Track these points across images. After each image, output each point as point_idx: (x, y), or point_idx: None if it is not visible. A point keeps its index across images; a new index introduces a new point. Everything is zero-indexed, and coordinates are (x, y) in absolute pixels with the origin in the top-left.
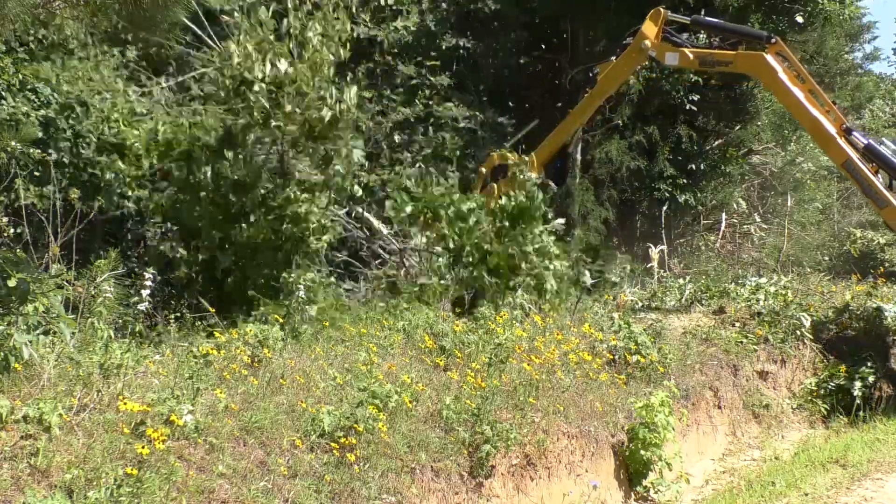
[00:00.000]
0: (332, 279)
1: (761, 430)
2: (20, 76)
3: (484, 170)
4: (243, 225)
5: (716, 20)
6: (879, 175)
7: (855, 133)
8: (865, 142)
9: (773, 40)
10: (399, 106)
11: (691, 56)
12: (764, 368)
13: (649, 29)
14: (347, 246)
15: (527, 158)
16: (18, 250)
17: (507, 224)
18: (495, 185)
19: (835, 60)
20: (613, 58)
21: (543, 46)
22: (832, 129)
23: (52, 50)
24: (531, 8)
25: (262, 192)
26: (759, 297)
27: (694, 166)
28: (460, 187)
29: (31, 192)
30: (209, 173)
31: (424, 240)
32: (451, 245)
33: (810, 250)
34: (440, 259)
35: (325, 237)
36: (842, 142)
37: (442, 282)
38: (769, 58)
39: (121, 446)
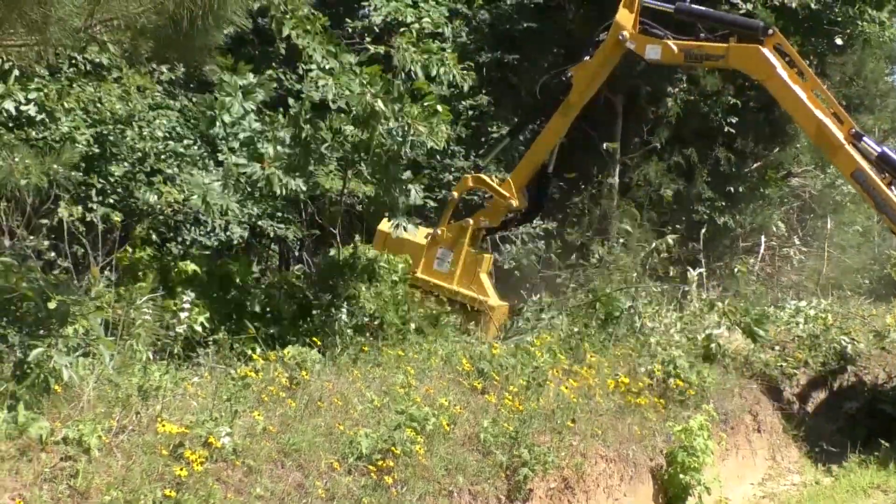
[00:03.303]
0: None
1: (801, 454)
2: (67, 99)
3: (456, 194)
4: None
5: (704, 8)
6: (894, 187)
7: (866, 139)
8: (879, 150)
9: (771, 32)
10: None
11: (675, 49)
12: (804, 392)
13: (625, 18)
14: None
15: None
16: (59, 273)
17: None
18: (471, 220)
19: (874, 83)
20: (587, 57)
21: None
22: (840, 135)
23: (91, 75)
24: (568, 29)
25: None
26: (798, 320)
27: (732, 189)
28: None
29: (75, 213)
30: None
31: None
32: None
33: (850, 273)
34: None
35: None
36: (851, 149)
37: None
38: (766, 52)
39: (159, 468)
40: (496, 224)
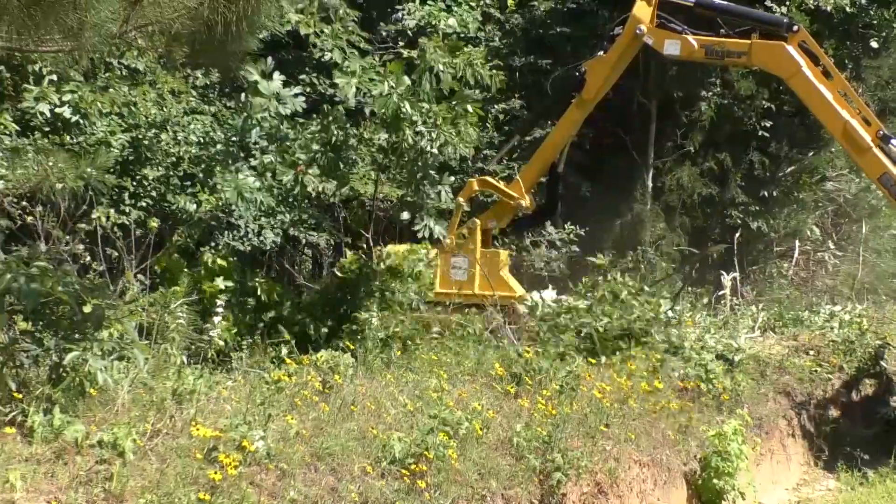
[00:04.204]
0: None
1: (836, 459)
2: (101, 100)
3: (462, 199)
4: None
5: (725, 2)
6: None
7: (894, 142)
8: None
9: (795, 28)
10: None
11: (695, 44)
12: (839, 397)
13: (642, 11)
14: None
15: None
16: (94, 277)
17: None
18: (477, 220)
19: None
20: (601, 52)
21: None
22: (867, 137)
23: (125, 78)
24: (600, 33)
25: None
26: (833, 325)
27: (766, 193)
28: None
29: (111, 217)
30: None
31: None
32: None
33: (886, 278)
34: None
35: None
36: (878, 152)
37: None
38: (790, 49)
39: (193, 472)
40: (504, 224)
